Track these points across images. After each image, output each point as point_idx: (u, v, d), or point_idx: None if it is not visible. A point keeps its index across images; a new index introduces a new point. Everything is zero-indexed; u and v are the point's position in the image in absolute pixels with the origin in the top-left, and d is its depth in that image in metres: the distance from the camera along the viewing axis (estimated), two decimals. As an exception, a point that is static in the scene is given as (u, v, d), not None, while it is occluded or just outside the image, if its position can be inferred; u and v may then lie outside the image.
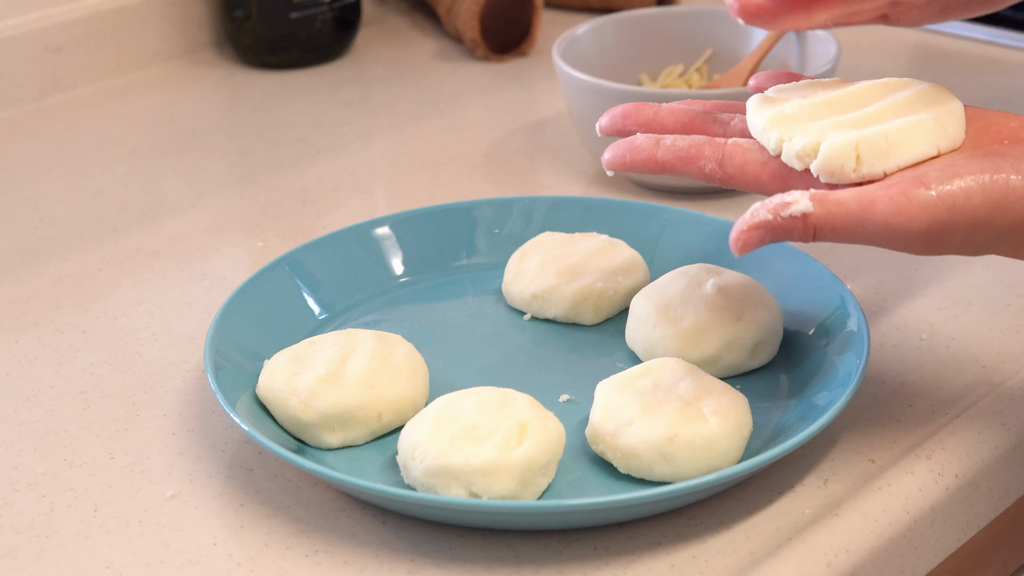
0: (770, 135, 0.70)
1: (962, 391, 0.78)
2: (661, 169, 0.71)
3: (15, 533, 0.71)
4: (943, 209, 0.64)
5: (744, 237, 0.65)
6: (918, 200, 0.64)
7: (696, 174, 0.71)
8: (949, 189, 0.64)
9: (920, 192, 0.64)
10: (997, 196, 0.65)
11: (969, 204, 0.64)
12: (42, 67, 1.20)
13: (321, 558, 0.68)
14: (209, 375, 0.75)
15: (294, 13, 1.24)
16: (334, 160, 1.10)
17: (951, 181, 0.65)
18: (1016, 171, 0.65)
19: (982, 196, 0.64)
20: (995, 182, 0.65)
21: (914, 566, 0.72)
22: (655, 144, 0.72)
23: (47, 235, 1.00)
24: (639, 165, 0.72)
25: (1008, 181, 0.65)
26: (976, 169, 0.65)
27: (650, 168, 0.72)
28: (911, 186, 0.65)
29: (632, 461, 0.70)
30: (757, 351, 0.79)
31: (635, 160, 0.72)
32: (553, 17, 1.34)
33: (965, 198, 0.64)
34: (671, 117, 0.75)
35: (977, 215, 0.65)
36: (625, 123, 0.75)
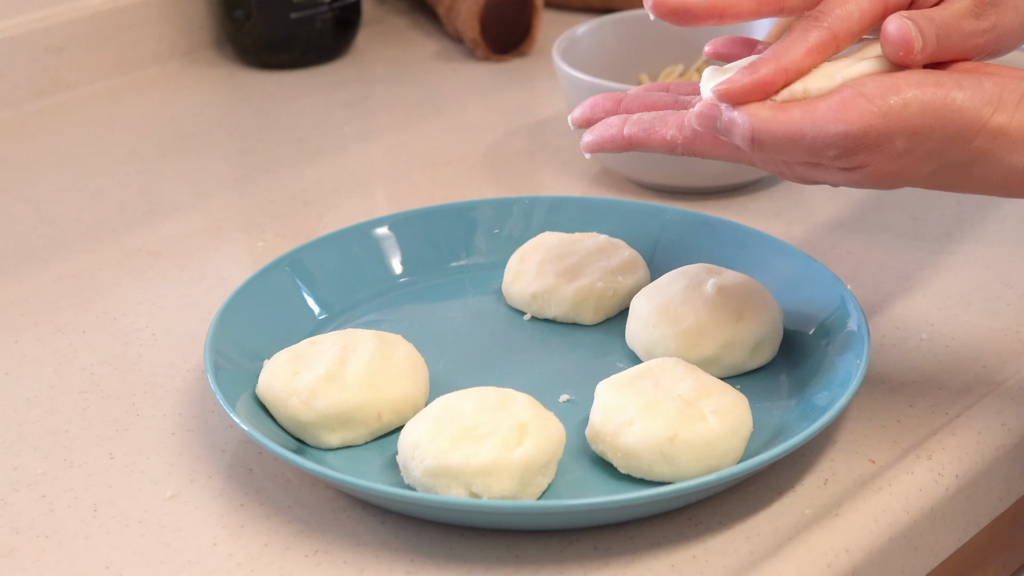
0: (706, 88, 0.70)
1: (962, 391, 0.78)
2: (629, 143, 0.72)
3: (15, 533, 0.71)
4: (878, 115, 0.65)
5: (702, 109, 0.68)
6: (855, 106, 0.65)
7: (660, 143, 0.71)
8: (885, 95, 0.65)
9: (859, 100, 0.65)
10: (936, 105, 0.65)
11: (905, 112, 0.65)
12: (42, 67, 1.20)
13: (321, 558, 0.68)
14: (209, 375, 0.75)
15: (294, 13, 1.24)
16: (334, 160, 1.10)
17: (891, 92, 0.66)
18: (958, 86, 0.66)
19: (919, 104, 0.65)
20: (934, 93, 0.66)
21: (914, 566, 0.72)
22: (623, 121, 0.73)
23: (47, 235, 1.00)
24: (609, 142, 0.73)
25: (948, 94, 0.66)
26: (915, 82, 0.66)
27: (619, 144, 0.73)
28: (851, 95, 0.66)
29: (632, 461, 0.70)
30: (757, 351, 0.79)
31: (604, 137, 0.73)
32: (553, 17, 1.34)
33: (901, 105, 0.65)
34: (635, 102, 0.76)
35: (913, 123, 0.65)
36: (594, 112, 0.76)
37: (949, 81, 0.66)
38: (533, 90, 1.21)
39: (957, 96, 0.66)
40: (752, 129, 0.66)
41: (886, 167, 0.67)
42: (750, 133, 0.66)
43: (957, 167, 0.67)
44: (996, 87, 0.66)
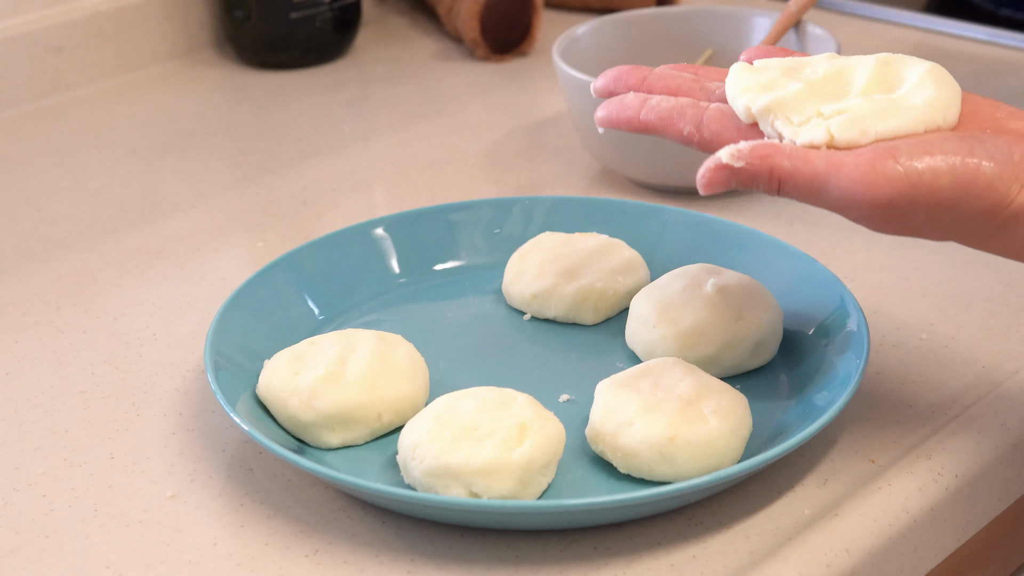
0: (739, 101, 0.70)
1: (962, 391, 0.78)
2: (644, 128, 0.71)
3: (15, 533, 0.71)
4: (908, 185, 0.63)
5: (711, 175, 0.65)
6: (884, 171, 0.63)
7: (675, 135, 0.70)
8: (917, 165, 0.63)
9: (888, 164, 0.63)
10: (966, 180, 0.63)
11: (936, 184, 0.63)
12: (42, 67, 1.20)
13: (321, 558, 0.68)
14: (209, 375, 0.75)
15: (294, 13, 1.24)
16: (334, 160, 1.10)
17: (921, 158, 0.63)
18: (990, 158, 0.64)
19: (950, 177, 0.63)
20: (966, 165, 0.63)
21: (914, 566, 0.72)
22: (641, 103, 0.71)
23: (47, 235, 1.00)
24: (624, 123, 0.72)
25: (979, 166, 0.63)
26: (949, 150, 0.64)
27: (634, 126, 0.71)
28: (881, 157, 0.63)
29: (632, 461, 0.70)
30: (757, 351, 0.79)
31: (620, 117, 0.72)
32: (553, 17, 1.34)
33: (932, 177, 0.63)
34: (660, 82, 0.74)
35: (942, 196, 0.63)
36: (616, 85, 0.75)
37: (980, 150, 0.64)
38: (533, 90, 1.21)
39: (987, 171, 0.63)
40: (778, 181, 0.64)
41: (904, 229, 0.65)
42: (777, 185, 0.65)
43: (978, 238, 0.66)
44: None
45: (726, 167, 0.65)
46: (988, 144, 0.64)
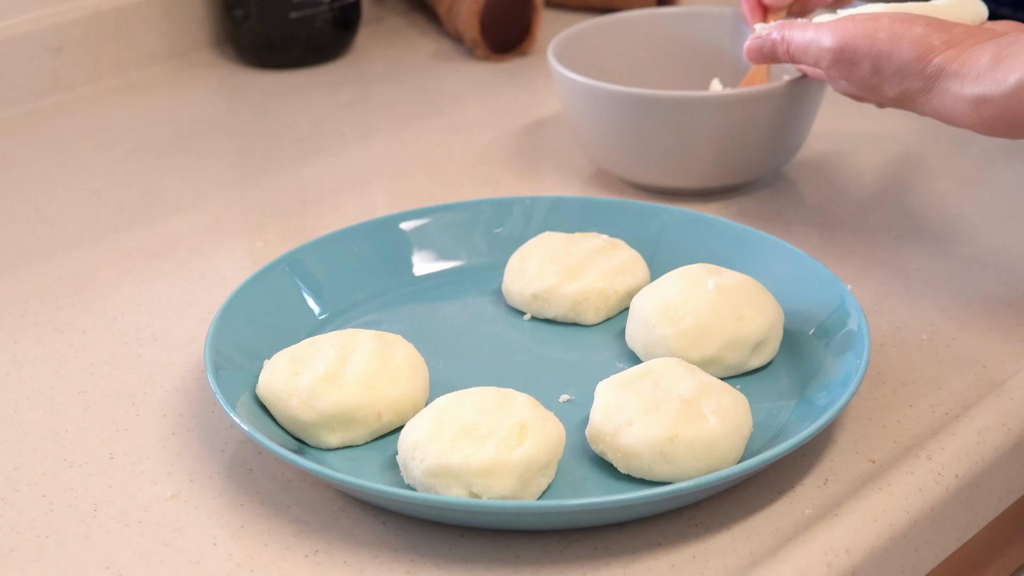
0: None
1: (963, 391, 0.78)
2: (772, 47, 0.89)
3: (15, 533, 0.71)
4: (854, 35, 0.82)
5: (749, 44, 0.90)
6: (842, 25, 0.83)
7: None
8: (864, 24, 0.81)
9: (847, 22, 0.83)
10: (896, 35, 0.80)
11: (875, 36, 0.81)
12: (41, 67, 1.20)
13: (321, 558, 0.68)
14: (209, 375, 0.75)
15: (294, 13, 1.24)
16: (334, 160, 1.10)
17: (872, 18, 0.81)
18: (925, 25, 0.80)
19: (886, 32, 0.81)
20: (901, 25, 0.80)
21: (914, 566, 0.72)
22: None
23: (46, 235, 1.00)
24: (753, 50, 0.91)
25: (911, 27, 0.80)
26: (897, 18, 0.81)
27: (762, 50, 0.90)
28: (846, 18, 0.83)
29: (632, 461, 0.70)
30: (757, 351, 0.79)
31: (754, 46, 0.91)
32: (553, 17, 1.34)
33: (873, 29, 0.81)
34: None
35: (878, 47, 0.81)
36: None
37: (921, 19, 0.80)
38: (533, 90, 1.21)
39: (917, 29, 0.80)
40: (786, 43, 0.87)
41: (863, 81, 0.82)
42: (785, 47, 0.87)
43: (918, 93, 0.80)
44: (961, 30, 0.80)
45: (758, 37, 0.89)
46: (932, 18, 0.81)
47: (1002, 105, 0.77)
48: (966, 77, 0.78)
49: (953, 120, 0.79)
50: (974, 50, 0.78)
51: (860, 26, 0.81)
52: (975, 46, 0.78)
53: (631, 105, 0.96)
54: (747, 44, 0.90)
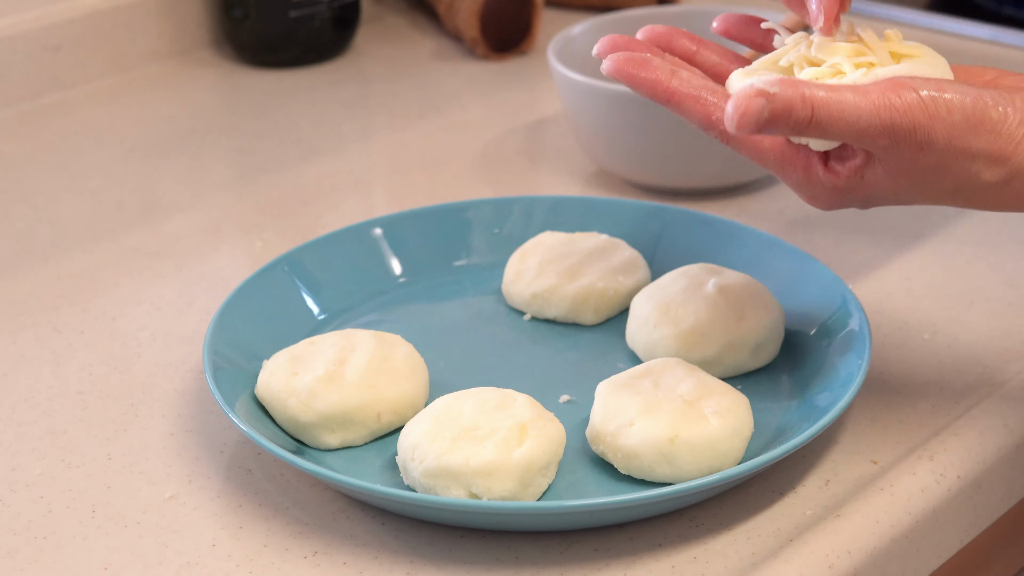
0: None
1: (964, 391, 0.78)
2: (668, 96, 0.69)
3: (13, 534, 0.71)
4: (925, 114, 0.65)
5: (746, 103, 0.63)
6: (906, 98, 0.65)
7: (701, 117, 0.69)
8: (934, 95, 0.65)
9: (907, 92, 0.65)
10: (976, 117, 0.65)
11: (950, 118, 0.65)
12: (40, 66, 1.20)
13: (320, 559, 0.68)
14: (208, 375, 0.75)
15: (293, 12, 1.23)
16: (333, 159, 1.10)
17: (939, 91, 0.65)
18: (996, 102, 0.66)
19: (962, 114, 0.65)
20: (976, 102, 0.65)
21: (916, 567, 0.71)
22: (672, 72, 0.69)
23: (45, 235, 1.00)
24: (646, 83, 0.69)
25: (988, 107, 0.65)
26: (959, 89, 0.65)
27: (657, 91, 0.69)
28: (901, 85, 0.65)
29: (633, 462, 0.70)
30: (758, 351, 0.78)
31: (643, 76, 0.69)
32: (554, 16, 1.34)
33: (947, 110, 0.65)
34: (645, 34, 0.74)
35: (955, 130, 0.65)
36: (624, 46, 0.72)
37: (987, 95, 0.66)
38: (533, 89, 1.21)
39: (994, 111, 0.65)
40: (811, 107, 0.64)
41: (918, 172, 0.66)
42: (810, 112, 0.64)
43: (989, 186, 0.67)
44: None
45: (762, 92, 0.63)
46: (991, 91, 0.66)
47: None
48: None
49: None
50: None
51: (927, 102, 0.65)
52: None
53: (631, 105, 0.96)
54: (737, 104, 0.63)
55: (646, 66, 0.69)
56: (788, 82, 0.64)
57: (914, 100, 0.64)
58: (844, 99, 0.64)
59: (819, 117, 0.64)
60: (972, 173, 0.66)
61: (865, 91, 0.65)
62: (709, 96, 0.69)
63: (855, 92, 0.65)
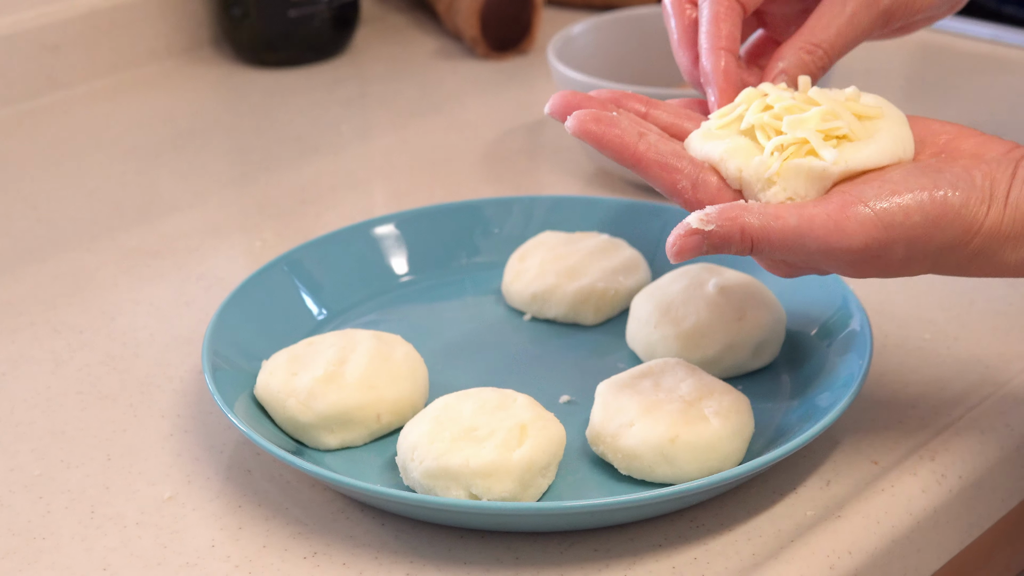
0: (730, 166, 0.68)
1: (965, 392, 0.78)
2: (634, 160, 0.68)
3: (12, 535, 0.70)
4: (881, 227, 0.64)
5: (682, 242, 0.64)
6: (856, 217, 0.64)
7: (667, 184, 0.68)
8: (886, 206, 0.64)
9: (859, 209, 0.64)
10: (935, 214, 0.64)
11: (908, 222, 0.64)
12: (39, 65, 1.20)
13: (320, 560, 0.68)
14: (207, 376, 0.75)
15: (292, 11, 1.23)
16: (333, 159, 1.10)
17: (889, 198, 0.64)
18: (953, 187, 0.64)
19: (920, 214, 0.64)
20: (933, 199, 0.64)
21: (917, 568, 0.71)
22: (640, 135, 0.68)
23: (44, 234, 1.00)
24: (613, 145, 0.67)
25: (946, 198, 0.64)
26: (914, 186, 0.64)
27: (624, 154, 0.68)
28: (850, 204, 0.64)
29: (633, 462, 0.70)
30: (759, 352, 0.78)
31: (610, 137, 0.67)
32: (554, 15, 1.34)
33: (903, 216, 0.64)
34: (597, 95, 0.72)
35: (915, 233, 0.64)
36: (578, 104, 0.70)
37: (943, 181, 0.65)
38: (533, 88, 1.21)
39: (953, 200, 0.64)
40: (751, 240, 0.64)
41: (880, 271, 0.66)
42: (750, 244, 0.64)
43: (953, 266, 0.66)
44: (986, 180, 0.65)
45: (696, 232, 0.64)
46: (948, 173, 0.65)
47: None
48: (1019, 238, 0.65)
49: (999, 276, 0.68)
50: (1021, 199, 0.65)
51: (881, 216, 0.64)
52: (1014, 189, 0.65)
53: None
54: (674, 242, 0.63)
55: (613, 125, 0.68)
56: (726, 214, 0.64)
57: (866, 218, 0.64)
58: (786, 227, 0.64)
59: (760, 247, 0.64)
60: (938, 260, 0.66)
61: (811, 217, 0.64)
62: (675, 162, 0.68)
63: (800, 217, 0.64)
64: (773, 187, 0.67)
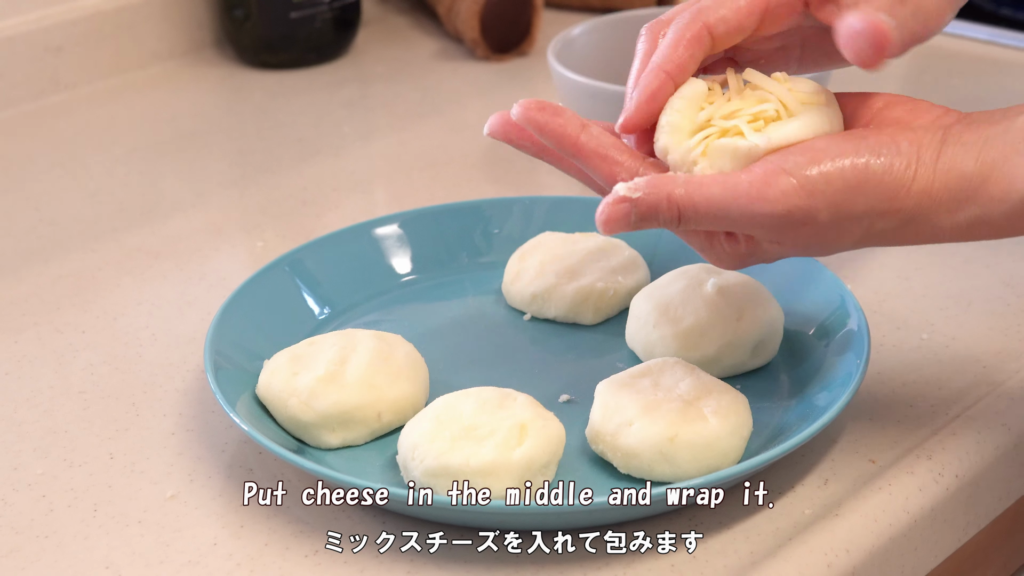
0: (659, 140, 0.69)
1: (963, 391, 0.78)
2: (575, 150, 0.68)
3: (15, 533, 0.71)
4: (804, 194, 0.64)
5: (610, 210, 0.64)
6: (779, 185, 0.64)
7: (606, 175, 0.68)
8: (809, 174, 0.64)
9: (781, 178, 0.64)
10: (856, 180, 0.64)
11: (829, 188, 0.64)
12: (42, 67, 1.20)
13: (321, 558, 0.68)
14: (209, 375, 0.75)
15: (294, 13, 1.24)
16: (334, 160, 1.10)
17: (811, 166, 0.64)
18: (876, 154, 0.64)
19: (841, 180, 0.64)
20: (855, 166, 0.64)
21: (914, 566, 0.72)
22: (583, 126, 0.68)
23: (47, 235, 1.00)
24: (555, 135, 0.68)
25: (868, 165, 0.64)
26: (836, 153, 0.65)
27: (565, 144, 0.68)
28: (772, 173, 0.64)
29: (632, 461, 0.70)
30: (757, 351, 0.78)
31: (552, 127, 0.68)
32: (553, 17, 1.34)
33: (824, 182, 0.64)
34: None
35: (837, 198, 0.64)
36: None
37: (865, 148, 0.65)
38: (533, 90, 1.21)
39: (876, 165, 0.64)
40: (677, 209, 0.64)
41: (812, 239, 0.66)
42: (676, 214, 0.65)
43: (887, 232, 0.66)
44: (912, 146, 0.65)
45: (624, 199, 0.65)
46: (871, 140, 0.65)
47: (1003, 225, 0.64)
48: (952, 202, 0.64)
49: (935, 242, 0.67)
50: (952, 163, 0.64)
51: (804, 183, 0.64)
52: (944, 154, 0.64)
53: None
54: (603, 209, 0.65)
55: (557, 115, 0.68)
56: (653, 183, 0.64)
57: (789, 186, 0.64)
58: (711, 195, 0.64)
59: (687, 215, 0.65)
60: (865, 227, 0.66)
61: (734, 185, 0.65)
62: (616, 155, 0.69)
63: (724, 186, 0.65)
64: (700, 164, 0.67)
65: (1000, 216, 0.64)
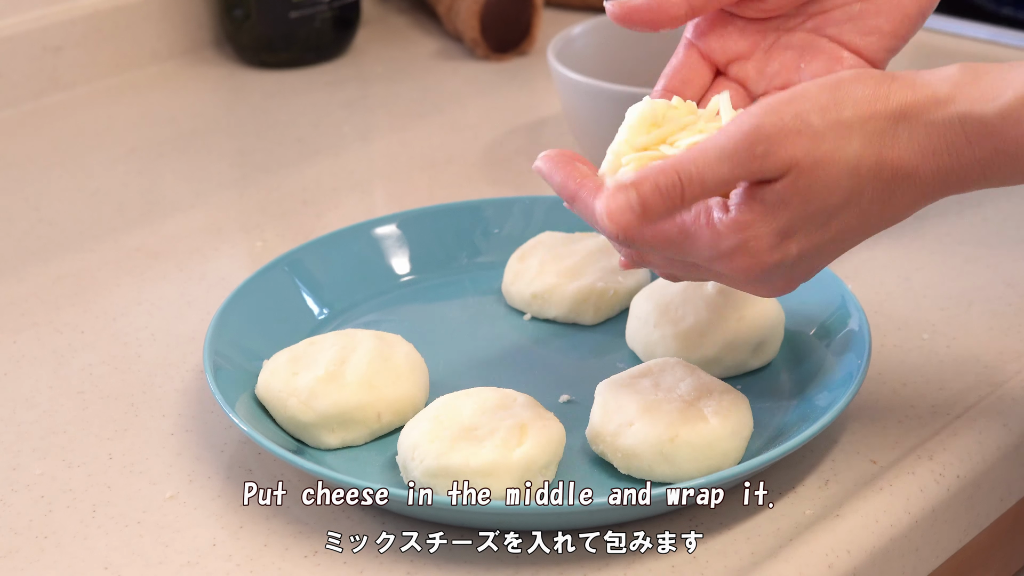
0: None
1: (964, 391, 0.78)
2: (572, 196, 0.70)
3: (14, 534, 0.71)
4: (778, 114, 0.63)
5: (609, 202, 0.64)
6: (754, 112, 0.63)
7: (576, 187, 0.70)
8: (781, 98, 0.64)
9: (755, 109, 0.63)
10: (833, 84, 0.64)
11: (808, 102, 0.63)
12: (41, 66, 1.20)
13: (320, 559, 0.68)
14: (208, 375, 0.75)
15: (293, 12, 1.24)
16: (334, 160, 1.10)
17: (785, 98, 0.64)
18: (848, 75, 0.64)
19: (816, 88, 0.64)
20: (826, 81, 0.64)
21: (915, 567, 0.71)
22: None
23: (46, 235, 1.00)
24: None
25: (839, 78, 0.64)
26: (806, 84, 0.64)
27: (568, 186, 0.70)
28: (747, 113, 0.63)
29: (632, 461, 0.70)
30: (758, 351, 0.78)
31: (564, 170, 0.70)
32: (553, 17, 1.34)
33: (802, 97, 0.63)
34: None
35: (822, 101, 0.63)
36: None
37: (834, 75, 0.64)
38: (533, 89, 1.21)
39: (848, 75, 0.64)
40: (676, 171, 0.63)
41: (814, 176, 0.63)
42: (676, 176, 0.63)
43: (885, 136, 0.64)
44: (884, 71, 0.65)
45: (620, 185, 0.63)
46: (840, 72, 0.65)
47: (998, 126, 0.62)
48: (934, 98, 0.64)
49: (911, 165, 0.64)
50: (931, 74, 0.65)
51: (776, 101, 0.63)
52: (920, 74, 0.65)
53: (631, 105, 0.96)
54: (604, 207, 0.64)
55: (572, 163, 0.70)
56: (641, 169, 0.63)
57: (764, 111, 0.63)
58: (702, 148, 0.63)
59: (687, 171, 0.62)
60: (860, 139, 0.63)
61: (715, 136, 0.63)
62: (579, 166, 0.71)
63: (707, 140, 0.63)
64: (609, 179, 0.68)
65: (994, 115, 0.62)
